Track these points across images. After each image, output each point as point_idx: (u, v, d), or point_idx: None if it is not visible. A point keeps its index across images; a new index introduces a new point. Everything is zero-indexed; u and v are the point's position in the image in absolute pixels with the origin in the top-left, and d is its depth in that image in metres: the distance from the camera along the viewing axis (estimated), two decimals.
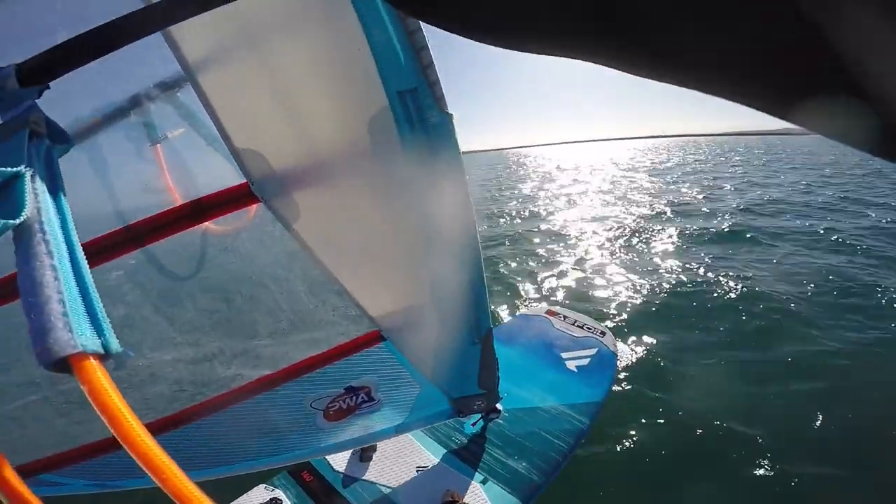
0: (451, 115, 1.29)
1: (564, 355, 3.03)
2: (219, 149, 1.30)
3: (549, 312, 3.54)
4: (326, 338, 1.69)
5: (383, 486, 2.35)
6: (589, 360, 2.98)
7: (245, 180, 1.33)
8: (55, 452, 1.67)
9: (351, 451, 2.55)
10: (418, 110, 1.27)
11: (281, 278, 1.55)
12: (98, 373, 0.42)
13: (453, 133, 1.33)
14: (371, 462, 2.48)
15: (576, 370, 2.90)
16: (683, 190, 15.71)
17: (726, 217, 10.67)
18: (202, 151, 1.39)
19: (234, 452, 1.92)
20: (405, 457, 2.46)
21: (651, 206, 12.73)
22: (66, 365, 0.41)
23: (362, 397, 1.91)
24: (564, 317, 3.46)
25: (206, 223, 1.38)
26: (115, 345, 0.45)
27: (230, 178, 1.33)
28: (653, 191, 16.27)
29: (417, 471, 2.39)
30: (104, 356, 0.43)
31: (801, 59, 0.18)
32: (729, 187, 15.76)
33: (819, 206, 11.55)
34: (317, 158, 1.36)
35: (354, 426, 2.00)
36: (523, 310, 3.71)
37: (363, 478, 2.41)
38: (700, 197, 13.78)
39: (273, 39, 1.21)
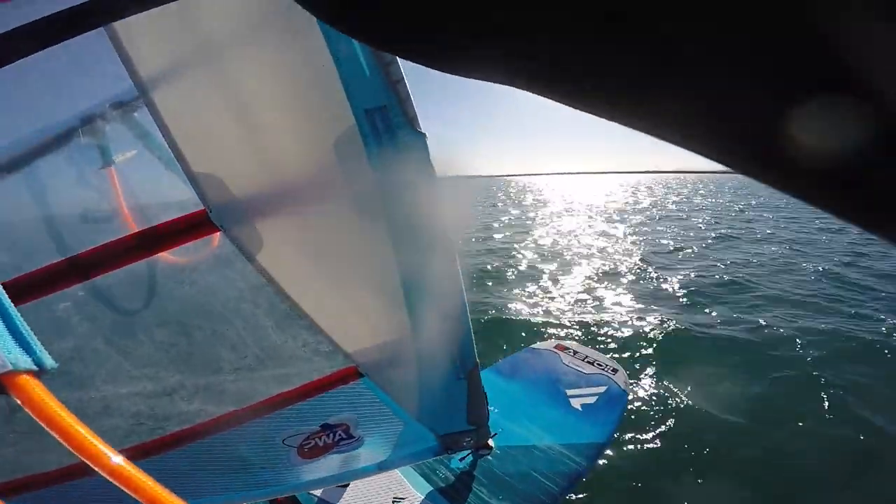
0: (424, 134, 1.17)
1: (570, 392, 2.87)
2: (176, 172, 1.19)
3: (558, 347, 3.37)
4: (298, 373, 1.57)
5: None
6: (596, 398, 2.80)
7: (203, 207, 1.22)
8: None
9: None
10: (388, 129, 1.15)
11: (245, 312, 1.43)
12: (37, 389, 0.42)
13: (427, 154, 1.21)
14: (347, 489, 2.35)
15: (580, 408, 2.74)
16: None
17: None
18: (160, 174, 1.29)
19: (201, 488, 1.80)
20: (384, 487, 2.33)
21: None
22: (1, 386, 0.42)
23: (340, 434, 1.78)
24: (575, 352, 3.28)
25: (162, 253, 1.27)
26: (48, 361, 0.45)
27: (190, 204, 1.22)
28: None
29: (394, 502, 2.25)
30: (38, 372, 0.44)
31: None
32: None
33: None
34: (280, 183, 1.24)
35: (332, 463, 1.87)
36: (534, 343, 3.56)
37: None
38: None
39: (231, 54, 1.10)
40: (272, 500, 2.30)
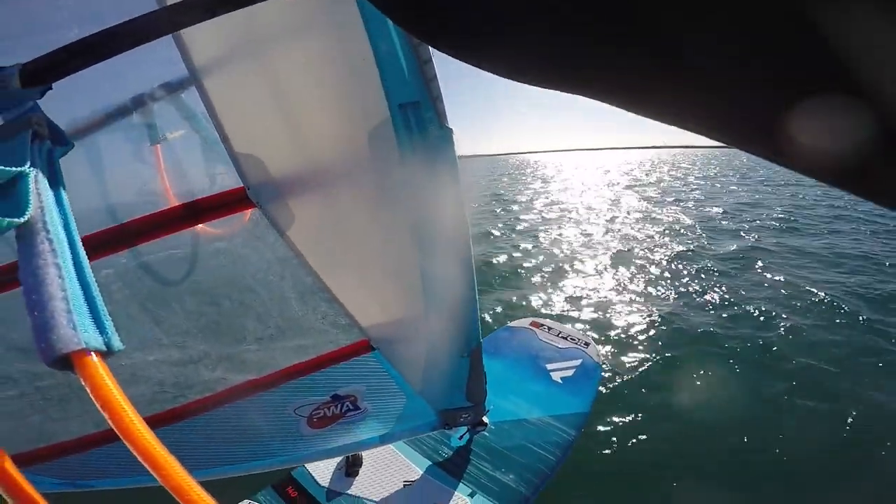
0: (451, 129, 1.30)
1: (549, 366, 3.04)
2: (218, 152, 1.30)
3: (533, 324, 3.56)
4: (314, 345, 1.68)
5: (369, 500, 2.32)
6: (573, 370, 2.99)
7: (242, 185, 1.33)
8: (28, 449, 1.64)
9: (336, 465, 2.53)
10: (419, 124, 1.28)
11: (272, 284, 1.54)
12: (101, 370, 0.42)
13: (453, 148, 1.34)
14: (357, 477, 2.46)
15: (561, 381, 2.91)
16: None
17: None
18: (201, 154, 1.39)
19: (214, 456, 1.89)
20: (391, 471, 2.44)
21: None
22: (68, 362, 0.41)
23: (347, 406, 1.90)
24: (549, 328, 3.47)
25: (200, 225, 1.38)
26: (117, 342, 0.45)
27: (227, 182, 1.33)
28: None
29: (404, 485, 2.37)
30: (106, 353, 0.44)
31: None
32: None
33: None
34: (314, 167, 1.36)
35: (338, 434, 1.99)
36: (509, 321, 3.71)
37: (348, 492, 2.38)
38: None
39: (278, 46, 1.22)
40: (285, 492, 2.40)
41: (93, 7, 1.08)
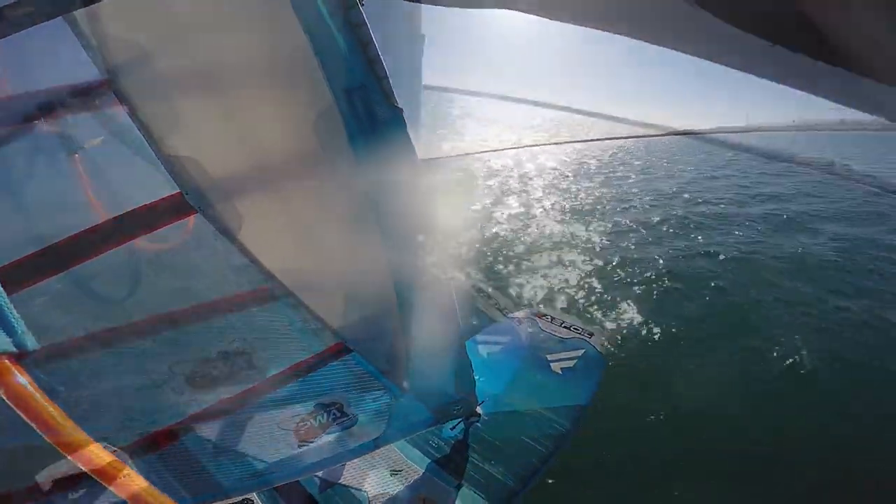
0: (401, 109, 1.20)
1: (550, 357, 2.94)
2: (146, 157, 1.18)
3: (536, 314, 3.45)
4: (287, 354, 1.58)
5: (357, 489, 2.23)
6: (575, 361, 2.89)
7: (178, 190, 1.22)
8: None
9: None
10: (366, 107, 1.17)
11: (229, 293, 1.43)
12: (13, 371, 0.42)
13: (405, 128, 1.23)
14: (346, 466, 2.35)
15: (561, 372, 2.81)
16: None
17: None
18: (128, 161, 1.27)
19: (200, 483, 1.79)
20: (380, 460, 2.35)
21: None
22: None
23: (334, 413, 1.79)
24: (551, 318, 3.37)
25: (137, 239, 1.26)
26: (30, 341, 0.45)
27: (163, 189, 1.22)
28: None
29: (391, 474, 2.27)
30: (20, 355, 0.44)
31: None
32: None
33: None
34: (260, 163, 1.24)
35: (330, 444, 1.89)
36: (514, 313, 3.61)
37: (338, 482, 2.29)
38: None
39: (207, 38, 1.10)
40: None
41: None
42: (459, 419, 2.29)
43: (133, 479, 0.45)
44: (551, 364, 2.87)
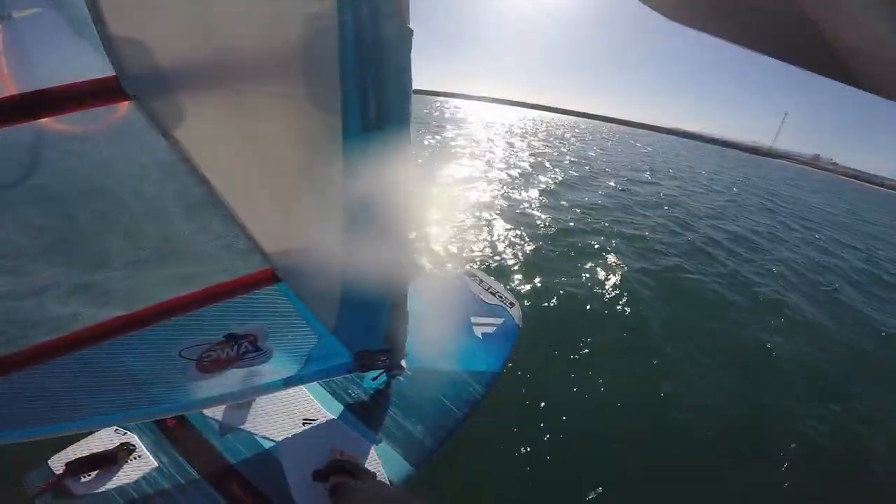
0: (412, 31, 1.04)
1: (474, 320, 2.93)
2: (86, 35, 0.92)
3: (468, 273, 3.43)
4: (204, 274, 1.36)
5: (262, 437, 2.07)
6: (494, 328, 2.90)
7: (112, 73, 0.96)
8: None
9: None
10: (372, 17, 1.00)
11: (148, 194, 1.18)
12: None
13: (409, 53, 1.08)
14: (250, 409, 2.17)
15: (481, 337, 2.81)
16: None
17: None
18: (62, 38, 0.99)
19: (77, 408, 1.54)
20: (291, 407, 2.19)
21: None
22: None
23: (246, 346, 1.61)
24: (481, 280, 3.35)
25: (48, 119, 0.99)
26: None
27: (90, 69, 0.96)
28: None
29: (304, 423, 2.13)
30: None
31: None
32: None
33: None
34: (223, 54, 1.01)
35: (234, 379, 1.70)
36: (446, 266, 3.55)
37: (239, 426, 2.11)
38: None
39: None
40: (163, 422, 2.06)
41: None
42: (381, 371, 2.19)
43: None
44: (474, 327, 2.86)
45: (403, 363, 2.18)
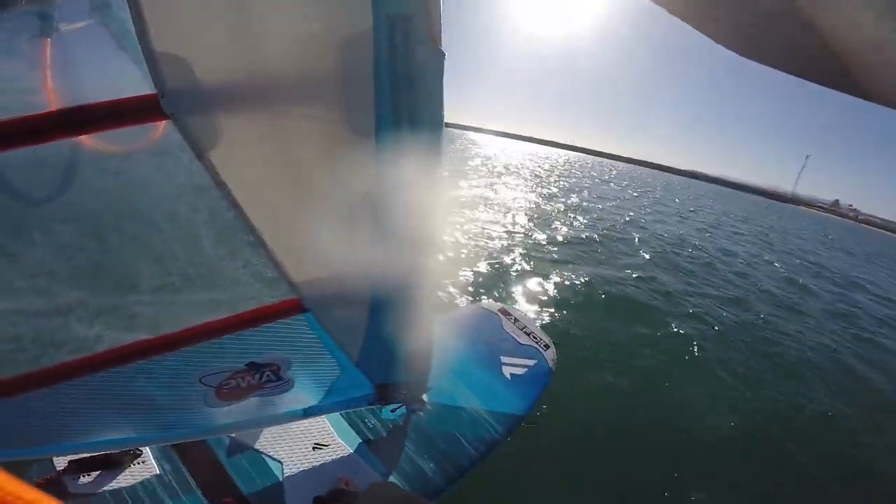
0: (444, 54, 1.02)
1: (504, 360, 2.85)
2: (129, 51, 0.93)
3: (502, 311, 3.35)
4: (230, 301, 1.34)
5: (270, 458, 2.02)
6: (525, 370, 2.82)
7: (155, 91, 0.96)
8: None
9: None
10: (406, 41, 0.99)
11: (180, 217, 1.17)
12: None
13: (441, 76, 1.06)
14: (263, 431, 2.13)
15: (509, 377, 2.73)
16: None
17: None
18: (107, 53, 1.00)
19: (90, 428, 1.50)
20: (305, 431, 2.14)
21: None
22: None
23: (268, 375, 1.57)
24: (516, 319, 3.27)
25: (86, 136, 0.98)
26: None
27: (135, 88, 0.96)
28: None
29: (313, 448, 2.08)
30: None
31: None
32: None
33: None
34: (261, 76, 1.01)
35: (253, 407, 1.66)
36: (481, 301, 3.49)
37: (251, 445, 2.06)
38: None
39: None
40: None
41: None
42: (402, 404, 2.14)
43: None
44: (503, 367, 2.79)
45: (425, 397, 2.12)
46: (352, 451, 2.08)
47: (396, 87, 1.06)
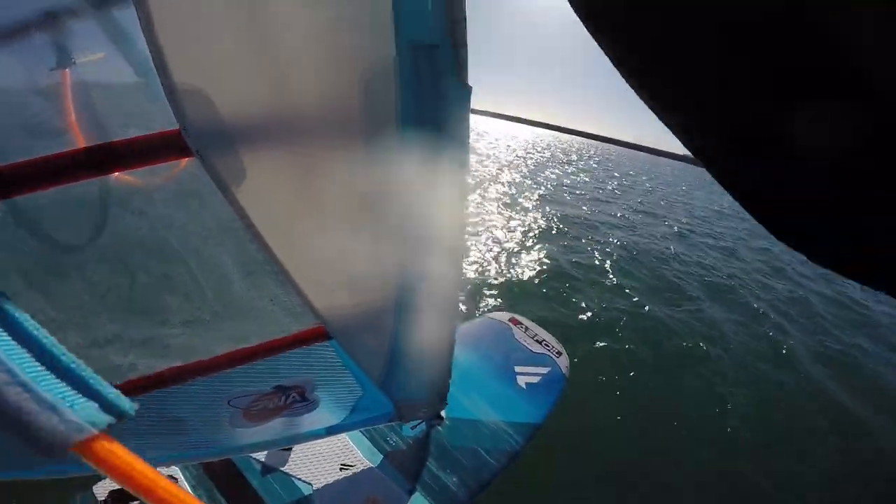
0: (471, 88, 1.01)
1: (518, 369, 2.88)
2: (151, 85, 0.92)
3: (512, 320, 3.38)
4: (258, 331, 1.37)
5: (300, 480, 2.07)
6: (539, 378, 2.84)
7: (176, 126, 0.97)
8: None
9: None
10: (432, 74, 0.97)
11: (206, 254, 1.20)
12: (113, 449, 0.35)
13: (467, 112, 1.05)
14: (292, 452, 2.18)
15: (524, 387, 2.76)
16: None
17: None
18: (128, 86, 1.00)
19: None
20: (331, 452, 2.19)
21: None
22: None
23: (294, 397, 1.61)
24: (526, 328, 3.29)
25: (114, 175, 1.00)
26: (126, 405, 0.38)
27: (157, 123, 0.96)
28: None
29: (341, 469, 2.12)
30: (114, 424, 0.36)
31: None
32: None
33: None
34: (283, 110, 1.01)
35: (279, 427, 1.70)
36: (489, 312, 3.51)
37: (280, 469, 2.11)
38: None
39: None
40: (209, 463, 2.09)
41: None
42: (422, 420, 2.17)
43: None
44: (517, 377, 2.81)
45: (443, 413, 2.16)
46: (377, 471, 2.13)
47: (421, 119, 1.07)
